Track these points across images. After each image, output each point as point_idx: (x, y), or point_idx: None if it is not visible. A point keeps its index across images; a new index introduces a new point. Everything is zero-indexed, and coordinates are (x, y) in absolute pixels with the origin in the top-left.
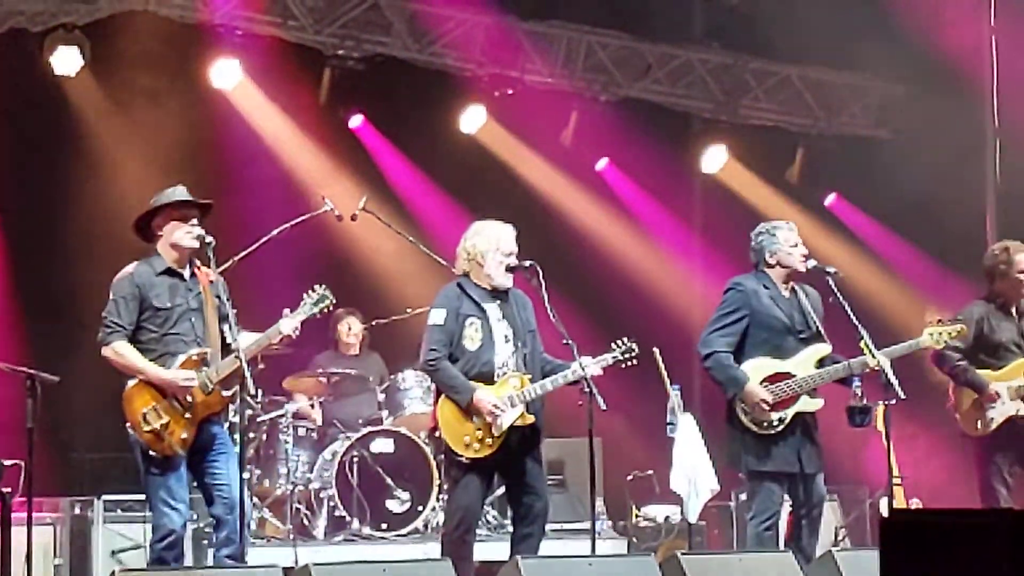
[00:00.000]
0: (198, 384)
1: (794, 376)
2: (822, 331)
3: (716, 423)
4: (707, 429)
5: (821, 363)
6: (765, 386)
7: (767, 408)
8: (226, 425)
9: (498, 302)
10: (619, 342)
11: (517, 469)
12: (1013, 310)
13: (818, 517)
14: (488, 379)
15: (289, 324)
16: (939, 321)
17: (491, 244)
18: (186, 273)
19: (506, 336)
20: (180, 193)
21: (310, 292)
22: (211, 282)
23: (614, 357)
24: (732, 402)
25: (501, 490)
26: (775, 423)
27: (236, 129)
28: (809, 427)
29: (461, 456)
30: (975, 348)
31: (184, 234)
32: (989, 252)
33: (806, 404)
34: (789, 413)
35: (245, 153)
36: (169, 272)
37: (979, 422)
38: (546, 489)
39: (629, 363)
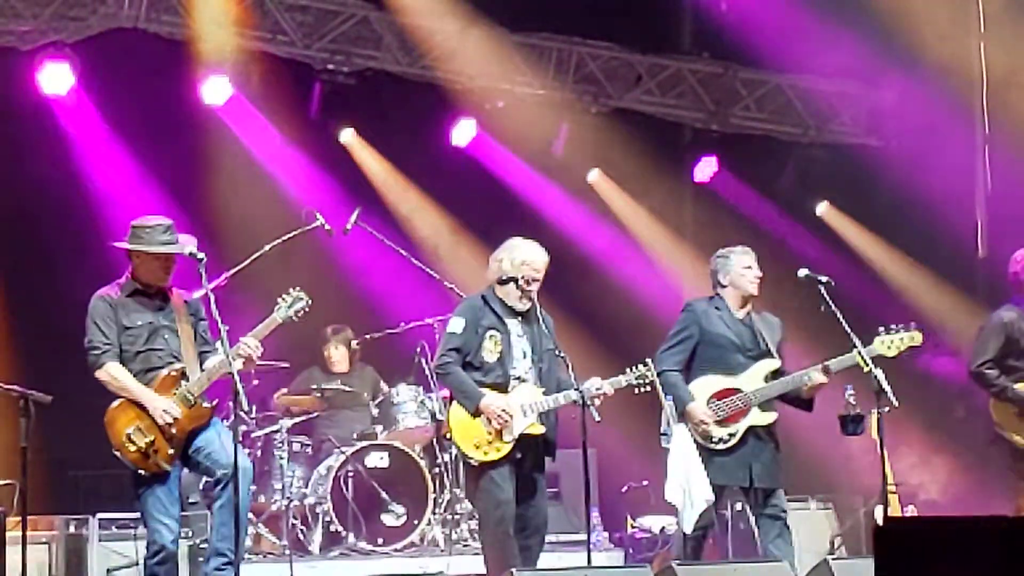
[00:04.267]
0: (180, 401)
1: (742, 391)
2: (772, 350)
3: None
4: None
5: (772, 378)
6: (712, 402)
7: (707, 425)
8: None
9: (519, 318)
10: (633, 368)
11: (523, 480)
12: None
13: (784, 529)
14: (503, 390)
15: (250, 341)
16: (890, 328)
17: (515, 268)
18: (156, 296)
19: (524, 351)
20: (159, 236)
21: (284, 296)
22: (185, 303)
23: (627, 381)
24: (682, 419)
25: None
26: (724, 438)
27: (227, 145)
28: (763, 441)
29: (472, 458)
30: (1004, 354)
31: (153, 267)
32: (1013, 259)
33: (757, 418)
34: (740, 427)
35: (236, 169)
36: (138, 292)
37: None
38: (547, 503)
39: (642, 389)
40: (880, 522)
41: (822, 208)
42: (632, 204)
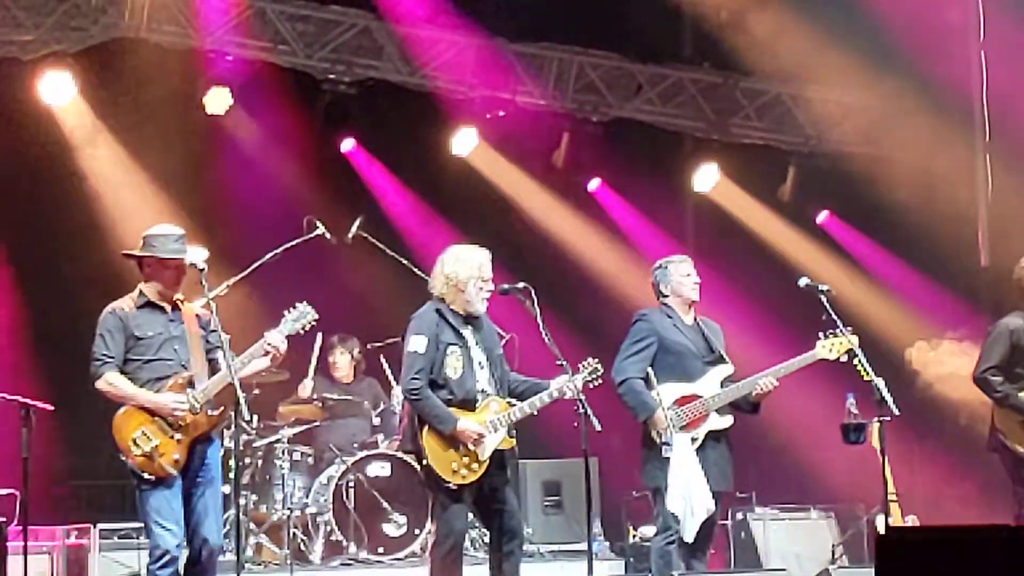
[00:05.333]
0: (186, 406)
1: (701, 397)
2: (724, 356)
3: None
4: None
5: (727, 383)
6: (674, 409)
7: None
8: (221, 452)
9: (471, 327)
10: (586, 362)
11: (495, 490)
12: None
13: (711, 531)
14: (471, 406)
15: (275, 335)
16: (831, 333)
17: (472, 271)
18: (168, 307)
19: (480, 362)
20: (171, 244)
21: (291, 309)
22: (196, 316)
23: (583, 379)
24: (646, 425)
25: None
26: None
27: (229, 155)
28: (719, 445)
29: (449, 483)
30: (1011, 362)
31: (165, 276)
32: (1018, 266)
33: (716, 423)
34: (701, 432)
35: (238, 178)
36: (150, 305)
37: None
38: (517, 507)
39: (595, 383)
40: (881, 531)
41: (823, 217)
42: (633, 213)
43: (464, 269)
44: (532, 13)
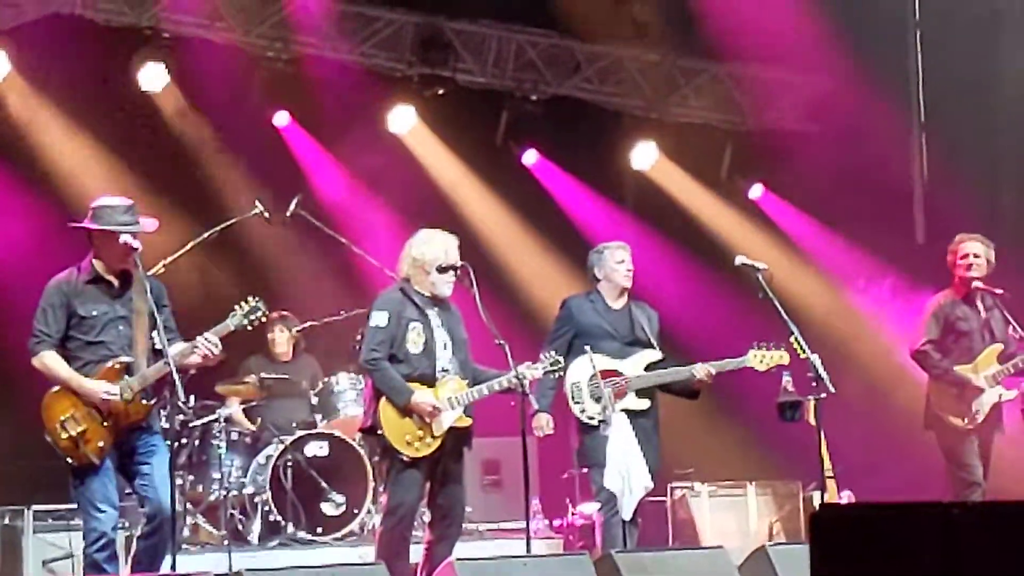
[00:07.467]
0: (118, 397)
1: (623, 374)
2: (653, 341)
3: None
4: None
5: (654, 367)
6: (595, 380)
7: (581, 403)
8: (160, 432)
9: (437, 309)
10: (546, 354)
11: (446, 470)
12: (978, 301)
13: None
14: (429, 382)
15: (211, 337)
16: (762, 345)
17: (438, 254)
18: (117, 281)
19: (444, 343)
20: (120, 216)
21: (242, 304)
22: (149, 288)
23: (544, 368)
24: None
25: None
26: (598, 414)
27: (163, 133)
28: (638, 425)
29: (403, 454)
30: (944, 338)
31: (115, 247)
32: (952, 243)
33: (632, 403)
34: (616, 408)
35: (173, 157)
36: (98, 280)
37: (966, 417)
38: (463, 490)
39: (557, 375)
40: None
41: (758, 192)
42: (572, 190)
43: (431, 251)
44: None
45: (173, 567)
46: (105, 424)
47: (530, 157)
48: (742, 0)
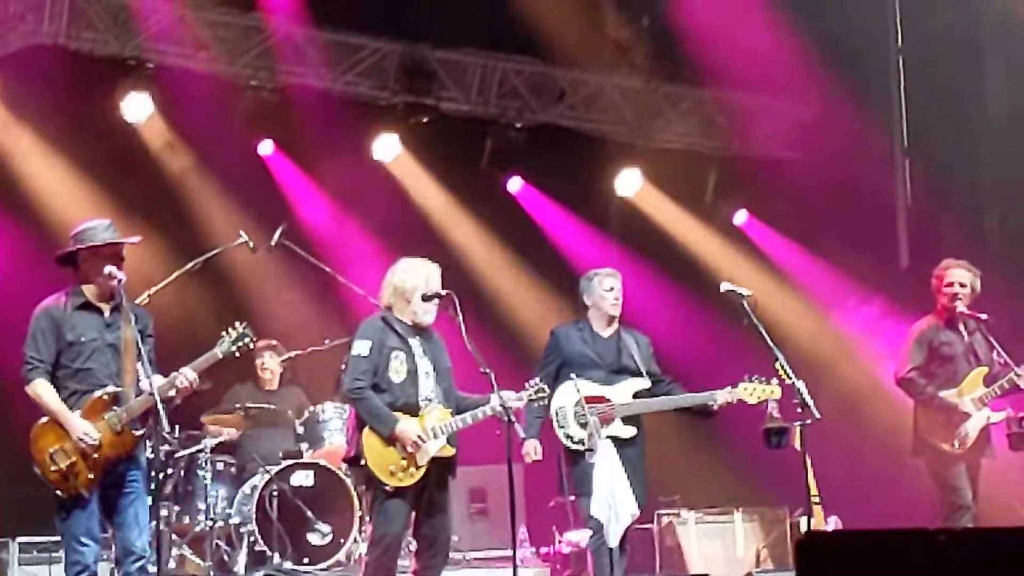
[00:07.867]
0: (107, 427)
1: (610, 401)
2: (642, 369)
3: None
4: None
5: (642, 395)
6: (581, 405)
7: (565, 428)
8: (145, 463)
9: (419, 338)
10: (531, 383)
11: (431, 499)
12: (960, 325)
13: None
14: (413, 411)
15: (189, 373)
16: (753, 378)
17: (420, 282)
18: (106, 308)
19: (426, 372)
20: (102, 233)
21: (229, 330)
22: (136, 317)
23: (528, 396)
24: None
25: None
26: (583, 440)
27: (147, 162)
28: (624, 453)
29: (386, 484)
30: (928, 363)
31: (103, 271)
32: (937, 268)
33: (618, 430)
34: (603, 435)
35: (158, 186)
36: (87, 306)
37: (956, 441)
38: (449, 520)
39: (541, 402)
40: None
41: (742, 218)
42: (556, 217)
43: (412, 280)
44: (453, 20)
45: None
46: (95, 456)
47: (515, 184)
48: (725, 26)
